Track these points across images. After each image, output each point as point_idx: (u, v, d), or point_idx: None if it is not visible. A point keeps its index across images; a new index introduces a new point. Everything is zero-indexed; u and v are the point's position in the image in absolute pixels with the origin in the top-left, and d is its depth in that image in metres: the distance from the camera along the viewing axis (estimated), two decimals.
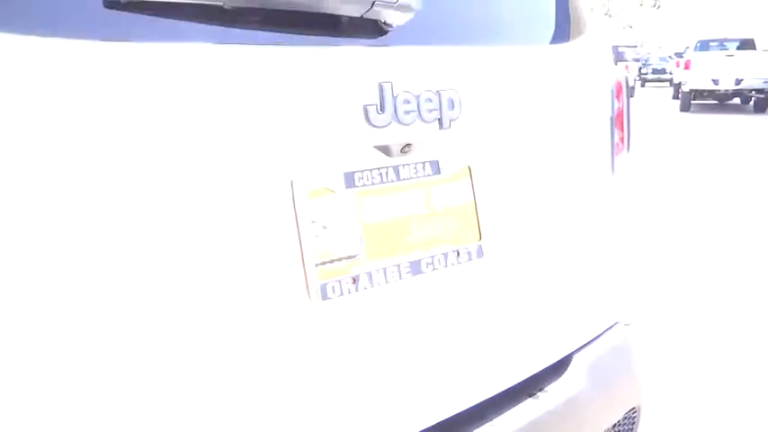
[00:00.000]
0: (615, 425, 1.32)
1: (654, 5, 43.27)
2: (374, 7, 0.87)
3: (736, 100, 16.78)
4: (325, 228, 0.89)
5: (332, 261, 0.89)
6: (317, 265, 0.87)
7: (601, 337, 1.33)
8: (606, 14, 44.47)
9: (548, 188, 1.23)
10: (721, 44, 18.00)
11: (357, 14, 0.88)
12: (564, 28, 1.31)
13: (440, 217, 1.02)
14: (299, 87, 0.85)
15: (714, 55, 16.22)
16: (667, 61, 30.62)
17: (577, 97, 1.31)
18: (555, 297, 1.25)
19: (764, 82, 15.36)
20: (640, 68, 31.03)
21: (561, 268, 1.26)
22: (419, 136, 0.97)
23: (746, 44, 17.44)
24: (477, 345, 1.09)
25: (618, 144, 1.48)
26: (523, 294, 1.17)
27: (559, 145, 1.26)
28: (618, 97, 1.47)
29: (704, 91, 16.09)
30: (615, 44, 30.08)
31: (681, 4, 42.94)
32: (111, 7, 0.73)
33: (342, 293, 0.90)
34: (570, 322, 1.28)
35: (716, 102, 16.89)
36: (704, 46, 17.82)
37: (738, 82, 15.55)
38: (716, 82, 15.71)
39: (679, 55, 22.81)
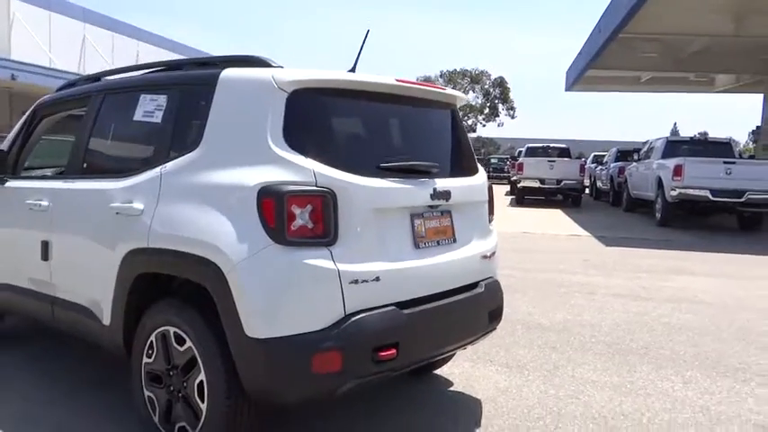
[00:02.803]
0: (494, 309, 3.64)
1: (491, 115, 49.89)
2: (432, 170, 3.24)
3: (560, 196, 20.57)
4: (418, 225, 3.16)
5: (420, 237, 3.17)
6: (417, 237, 3.14)
7: (488, 278, 3.66)
8: None
9: (480, 219, 3.61)
10: (545, 150, 22.14)
11: (429, 171, 3.24)
12: (475, 168, 3.75)
13: (443, 228, 3.33)
14: (417, 188, 3.16)
15: (540, 161, 20.08)
16: (504, 162, 35.84)
17: (483, 191, 3.72)
18: (479, 260, 3.56)
19: (576, 183, 19.51)
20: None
21: (482, 251, 3.58)
22: (442, 202, 3.29)
23: (564, 152, 21.78)
24: (456, 271, 3.37)
25: (490, 210, 3.89)
26: (469, 258, 3.48)
27: (479, 205, 3.65)
28: (490, 191, 3.89)
29: (534, 188, 19.91)
30: None
31: (520, 113, 49.70)
32: (379, 172, 3.01)
33: (423, 246, 3.18)
34: (480, 271, 3.59)
35: (543, 197, 20.68)
36: (532, 151, 21.80)
37: (559, 182, 19.44)
38: (542, 182, 19.53)
39: (514, 158, 27.16)
